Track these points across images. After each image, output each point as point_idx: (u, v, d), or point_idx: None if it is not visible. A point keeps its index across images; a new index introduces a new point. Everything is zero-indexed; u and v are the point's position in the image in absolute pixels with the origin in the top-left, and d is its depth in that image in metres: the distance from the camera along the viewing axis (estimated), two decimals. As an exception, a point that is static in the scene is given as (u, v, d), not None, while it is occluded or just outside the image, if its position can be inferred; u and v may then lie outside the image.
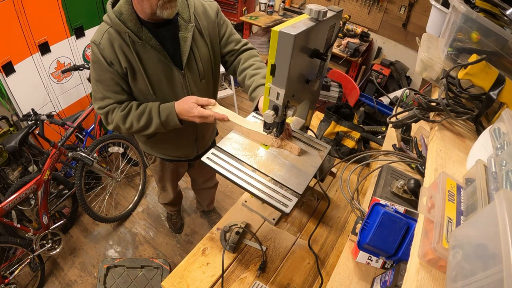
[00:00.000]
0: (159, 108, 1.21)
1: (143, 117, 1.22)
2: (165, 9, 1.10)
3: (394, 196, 1.07)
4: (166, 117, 1.21)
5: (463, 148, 0.67)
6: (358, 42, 3.04)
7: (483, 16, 0.77)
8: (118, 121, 1.22)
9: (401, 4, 2.93)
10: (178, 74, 1.26)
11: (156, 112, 1.21)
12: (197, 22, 1.25)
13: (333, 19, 0.97)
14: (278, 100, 0.91)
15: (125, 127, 1.24)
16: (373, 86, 3.03)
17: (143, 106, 1.23)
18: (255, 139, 1.14)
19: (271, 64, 0.84)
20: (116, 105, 1.22)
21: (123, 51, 1.14)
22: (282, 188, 0.98)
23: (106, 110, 1.22)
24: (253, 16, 3.46)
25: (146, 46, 1.15)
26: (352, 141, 1.69)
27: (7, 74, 2.12)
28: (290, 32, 0.75)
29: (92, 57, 1.16)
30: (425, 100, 0.70)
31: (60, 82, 2.47)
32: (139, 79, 1.20)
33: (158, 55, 1.18)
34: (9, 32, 2.06)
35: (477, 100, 0.70)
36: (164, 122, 1.21)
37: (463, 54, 0.79)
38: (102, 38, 1.13)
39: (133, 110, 1.22)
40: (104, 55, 1.13)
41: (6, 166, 2.32)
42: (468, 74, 0.68)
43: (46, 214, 1.98)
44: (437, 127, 0.70)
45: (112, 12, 1.12)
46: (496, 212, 0.33)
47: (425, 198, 0.52)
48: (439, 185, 0.52)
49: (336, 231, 1.38)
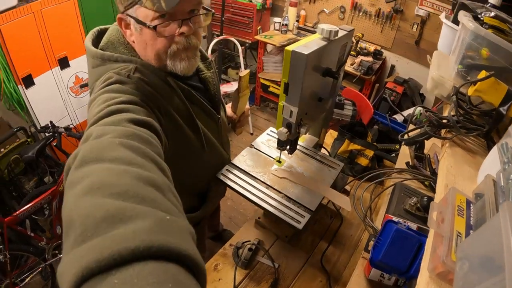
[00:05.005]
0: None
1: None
2: (180, 59, 0.84)
3: (407, 213, 1.07)
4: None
5: (474, 164, 0.68)
6: (372, 60, 3.08)
7: (492, 33, 0.80)
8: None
9: (413, 22, 2.98)
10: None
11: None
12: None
13: (344, 38, 1.02)
14: (292, 118, 0.94)
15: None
16: (387, 104, 3.04)
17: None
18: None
19: (284, 82, 0.88)
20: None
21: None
22: (295, 204, 1.01)
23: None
24: (268, 35, 3.56)
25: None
26: (366, 159, 1.71)
27: (27, 86, 2.25)
28: (303, 51, 0.80)
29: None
30: (435, 118, 0.72)
31: (78, 97, 2.59)
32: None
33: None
34: (30, 46, 2.19)
35: (488, 116, 0.72)
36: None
37: (473, 71, 0.82)
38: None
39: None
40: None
41: (22, 176, 2.40)
42: (477, 90, 0.70)
43: (60, 224, 2.04)
44: (448, 143, 0.73)
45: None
46: (500, 224, 0.35)
47: (434, 213, 0.54)
48: (448, 200, 0.54)
49: (349, 249, 1.37)
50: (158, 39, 0.79)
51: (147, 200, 0.43)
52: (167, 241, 0.37)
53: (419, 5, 2.87)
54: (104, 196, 0.42)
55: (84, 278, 0.33)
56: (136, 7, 0.77)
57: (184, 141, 0.95)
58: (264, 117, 3.96)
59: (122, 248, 0.34)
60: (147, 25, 0.76)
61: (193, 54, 0.86)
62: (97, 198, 0.42)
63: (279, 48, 3.43)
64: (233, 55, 4.02)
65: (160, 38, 0.79)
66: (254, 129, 3.69)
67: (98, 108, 0.68)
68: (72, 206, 0.42)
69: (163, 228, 0.39)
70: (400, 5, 2.97)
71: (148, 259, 0.35)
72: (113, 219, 0.38)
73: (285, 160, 1.26)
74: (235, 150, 1.73)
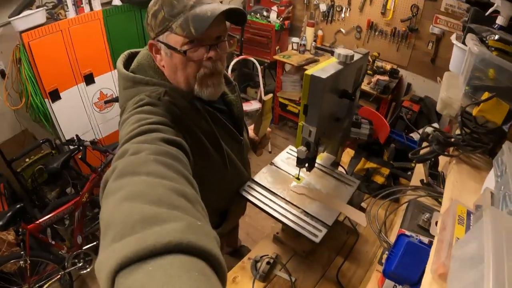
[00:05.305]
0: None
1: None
2: (206, 86, 0.91)
3: (421, 229, 1.13)
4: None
5: (479, 179, 0.75)
6: (388, 79, 3.15)
7: (496, 55, 0.86)
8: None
9: (428, 40, 3.05)
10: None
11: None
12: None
13: (360, 61, 1.11)
14: (310, 137, 1.02)
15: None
16: (403, 123, 3.09)
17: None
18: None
19: (304, 104, 0.96)
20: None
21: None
22: (312, 219, 1.08)
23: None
24: (286, 55, 3.67)
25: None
26: (382, 177, 1.76)
27: (53, 100, 2.40)
28: (321, 75, 0.89)
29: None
30: (442, 137, 0.80)
31: (102, 112, 2.76)
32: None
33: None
34: (57, 62, 2.35)
35: (492, 134, 0.78)
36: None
37: (479, 92, 0.88)
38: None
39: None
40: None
41: (45, 186, 2.54)
42: (481, 111, 0.77)
43: (81, 234, 2.16)
44: (455, 160, 0.80)
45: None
46: (482, 225, 0.43)
47: (437, 221, 0.61)
48: (450, 210, 0.61)
49: (364, 265, 1.42)
50: (188, 64, 0.86)
51: (179, 208, 0.50)
52: (196, 239, 0.43)
53: (434, 23, 2.93)
54: (141, 203, 0.49)
55: (122, 266, 0.39)
56: (166, 33, 0.84)
57: (208, 161, 1.01)
58: (282, 135, 4.04)
59: (157, 242, 0.40)
60: (177, 50, 0.83)
61: (218, 81, 0.93)
62: (134, 204, 0.49)
63: (297, 67, 3.52)
64: (252, 75, 4.12)
65: (190, 63, 0.86)
66: (273, 147, 3.77)
67: (131, 127, 0.75)
68: (112, 210, 0.49)
69: (193, 230, 0.45)
70: (415, 24, 3.06)
71: (179, 253, 0.41)
72: (149, 221, 0.45)
73: (303, 177, 1.33)
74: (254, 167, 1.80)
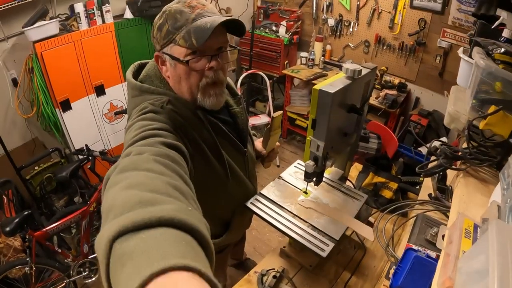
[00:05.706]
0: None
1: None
2: (208, 96, 0.96)
3: (428, 243, 1.14)
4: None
5: (487, 192, 0.77)
6: (396, 94, 3.17)
7: (502, 68, 0.88)
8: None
9: (436, 54, 3.08)
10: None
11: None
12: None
13: (368, 75, 1.14)
14: (318, 151, 1.04)
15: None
16: (412, 137, 3.09)
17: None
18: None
19: (312, 118, 0.99)
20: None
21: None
22: (320, 233, 1.10)
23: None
24: (295, 69, 3.72)
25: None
26: (390, 191, 1.77)
27: (64, 110, 2.48)
28: (329, 90, 0.92)
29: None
30: (450, 150, 0.82)
31: (112, 123, 2.83)
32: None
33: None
34: (69, 73, 2.43)
35: (500, 147, 0.80)
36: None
37: (486, 105, 0.89)
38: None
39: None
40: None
41: (53, 194, 2.60)
42: (488, 124, 0.79)
43: (87, 243, 2.19)
44: (462, 174, 0.82)
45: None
46: (488, 238, 0.45)
47: (443, 235, 0.63)
48: (457, 224, 0.63)
49: (371, 280, 1.42)
50: (191, 73, 0.93)
51: (174, 198, 0.57)
52: (186, 218, 0.49)
53: (441, 37, 2.97)
54: (140, 191, 0.55)
55: (120, 233, 0.45)
56: (171, 45, 0.92)
57: (209, 169, 1.06)
58: (290, 149, 4.07)
59: (152, 216, 0.47)
60: (181, 60, 0.90)
61: (220, 91, 0.98)
62: (134, 191, 0.55)
63: (306, 82, 3.57)
64: (261, 89, 4.18)
65: (193, 72, 0.93)
66: (281, 161, 3.79)
67: (134, 133, 0.82)
68: (114, 196, 0.56)
69: (185, 212, 0.52)
70: (423, 37, 3.10)
71: (171, 226, 0.48)
72: (146, 203, 0.51)
73: (311, 191, 1.35)
74: (262, 181, 1.83)
